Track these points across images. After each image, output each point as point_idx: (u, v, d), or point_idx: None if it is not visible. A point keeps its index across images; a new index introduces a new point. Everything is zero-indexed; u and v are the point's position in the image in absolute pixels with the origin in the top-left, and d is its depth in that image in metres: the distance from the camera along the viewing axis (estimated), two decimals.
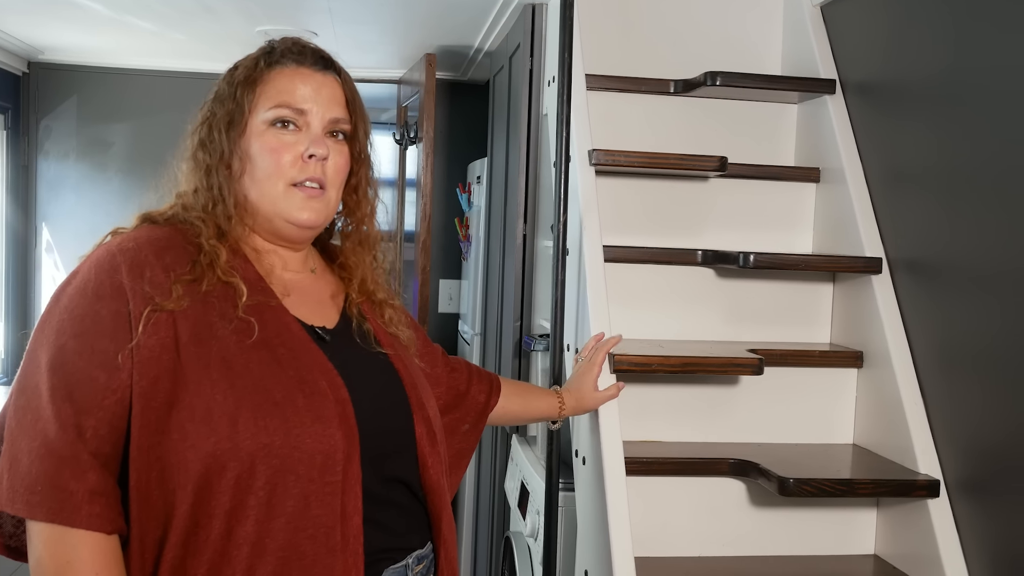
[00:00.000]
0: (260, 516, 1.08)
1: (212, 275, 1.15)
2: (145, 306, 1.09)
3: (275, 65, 1.24)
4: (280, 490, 1.08)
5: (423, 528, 1.27)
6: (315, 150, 1.22)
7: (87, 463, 1.06)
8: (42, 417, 1.07)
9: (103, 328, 1.09)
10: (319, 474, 1.11)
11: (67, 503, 1.05)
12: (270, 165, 1.21)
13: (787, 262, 2.03)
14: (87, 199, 4.18)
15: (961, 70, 1.76)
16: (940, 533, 1.73)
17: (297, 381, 1.13)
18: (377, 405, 1.22)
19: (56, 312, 1.12)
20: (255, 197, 1.22)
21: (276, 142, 1.21)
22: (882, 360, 1.94)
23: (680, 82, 2.27)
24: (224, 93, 1.23)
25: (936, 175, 1.83)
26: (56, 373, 1.08)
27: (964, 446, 1.73)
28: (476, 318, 3.51)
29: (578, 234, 1.97)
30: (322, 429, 1.11)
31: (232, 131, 1.21)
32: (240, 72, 1.24)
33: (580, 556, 1.92)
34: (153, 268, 1.12)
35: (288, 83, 1.23)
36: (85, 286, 1.12)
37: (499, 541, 2.81)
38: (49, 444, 1.06)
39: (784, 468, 1.81)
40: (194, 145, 1.23)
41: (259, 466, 1.07)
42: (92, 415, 1.07)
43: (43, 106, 4.16)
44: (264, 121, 1.21)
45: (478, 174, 3.59)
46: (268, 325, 1.16)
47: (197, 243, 1.17)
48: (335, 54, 1.30)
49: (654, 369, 1.84)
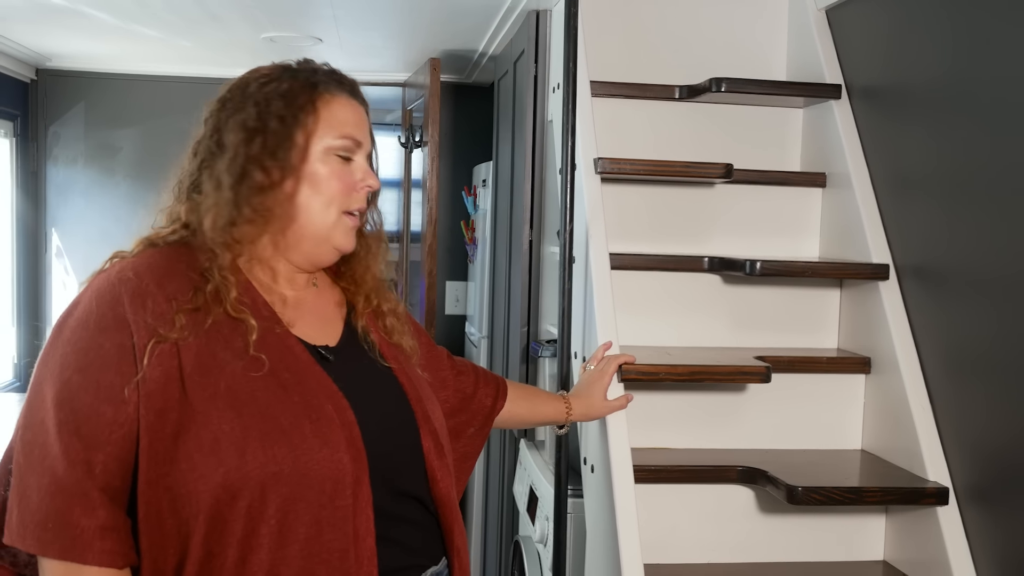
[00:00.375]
0: (273, 544, 1.08)
1: (218, 308, 1.14)
2: (149, 338, 1.09)
3: (331, 93, 1.23)
4: (292, 517, 1.09)
5: (437, 542, 1.28)
6: (371, 182, 1.25)
7: (97, 499, 1.06)
8: (50, 453, 1.07)
9: (107, 361, 1.08)
10: (329, 499, 1.11)
11: (78, 540, 1.05)
12: (329, 191, 1.21)
13: (794, 269, 2.03)
14: (96, 204, 4.20)
15: (967, 74, 1.76)
16: (949, 539, 1.73)
17: (303, 407, 1.13)
18: (383, 423, 1.22)
19: (59, 345, 1.11)
20: (304, 221, 1.21)
21: (336, 169, 1.22)
22: (890, 366, 1.94)
23: (685, 88, 2.27)
24: (280, 110, 1.19)
25: (943, 179, 1.83)
26: (62, 408, 1.08)
27: (973, 452, 1.73)
28: (483, 321, 3.51)
29: (584, 242, 1.98)
30: (330, 454, 1.12)
31: (294, 151, 1.19)
32: (295, 92, 1.21)
33: (590, 565, 1.93)
34: (155, 298, 1.11)
35: (347, 114, 1.24)
36: (87, 318, 1.11)
37: (508, 545, 2.82)
38: (58, 481, 1.06)
39: (792, 476, 1.82)
40: (240, 159, 1.17)
41: (269, 494, 1.08)
42: (100, 450, 1.07)
43: (51, 112, 4.18)
44: (328, 149, 1.21)
45: (483, 177, 3.60)
46: (272, 351, 1.15)
47: (202, 268, 1.16)
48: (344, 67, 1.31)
49: (661, 378, 1.84)
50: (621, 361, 1.79)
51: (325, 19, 3.08)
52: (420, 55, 3.66)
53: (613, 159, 2.04)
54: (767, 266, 1.97)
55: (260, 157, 1.18)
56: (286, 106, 1.20)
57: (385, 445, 1.20)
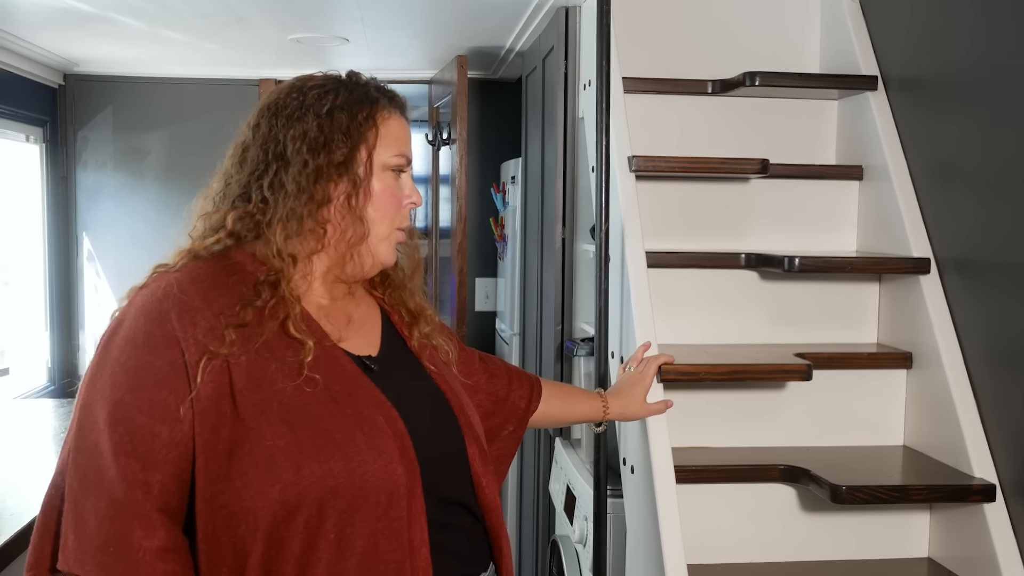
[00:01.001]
0: (331, 559, 1.08)
1: (273, 323, 1.13)
2: (201, 355, 1.08)
3: (388, 109, 1.25)
4: (349, 530, 1.08)
5: (485, 548, 1.28)
6: (415, 199, 1.27)
7: (157, 520, 1.06)
8: (107, 476, 1.06)
9: (160, 380, 1.07)
10: (385, 511, 1.11)
11: (141, 563, 1.04)
12: (388, 207, 1.23)
13: (832, 265, 2.01)
14: (126, 207, 4.23)
15: (1006, 63, 1.72)
16: (996, 536, 1.71)
17: (355, 418, 1.13)
18: (431, 431, 1.22)
19: (107, 365, 1.10)
20: (360, 234, 1.21)
21: (393, 185, 1.24)
22: (932, 361, 1.92)
23: (718, 82, 2.24)
24: (345, 124, 1.19)
25: (983, 171, 1.80)
26: (116, 429, 1.07)
27: (1019, 447, 1.71)
28: (514, 318, 3.51)
29: (620, 241, 1.96)
30: (384, 465, 1.11)
31: (361, 167, 1.20)
32: (355, 106, 1.21)
33: (631, 566, 1.92)
34: (204, 314, 1.11)
35: (401, 131, 1.26)
36: (135, 336, 1.10)
37: (545, 544, 2.82)
38: (117, 503, 1.05)
39: (835, 474, 1.80)
40: (308, 169, 1.17)
41: (327, 509, 1.07)
42: (158, 470, 1.06)
43: (80, 117, 4.21)
44: (386, 165, 1.23)
45: (512, 174, 3.59)
46: (321, 364, 1.14)
47: (253, 281, 1.15)
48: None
49: (702, 378, 1.83)
50: (661, 362, 1.77)
51: (352, 19, 3.08)
52: (447, 52, 3.65)
53: (648, 157, 2.02)
54: (806, 262, 1.95)
55: (327, 170, 1.18)
56: (349, 120, 1.20)
57: (434, 453, 1.20)
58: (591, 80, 2.17)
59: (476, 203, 4.09)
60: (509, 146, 3.87)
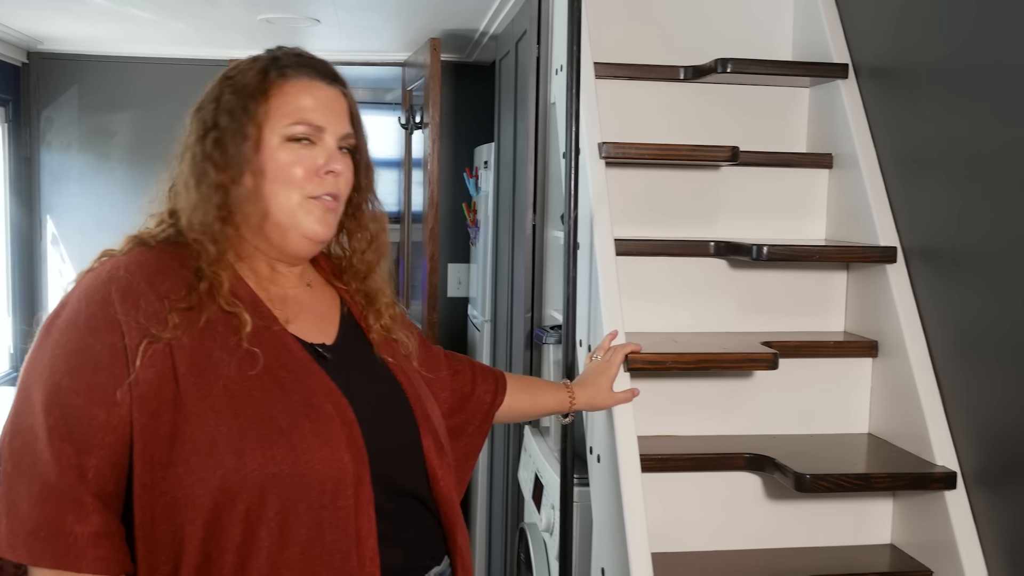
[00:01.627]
0: (273, 547, 1.06)
1: (212, 304, 1.11)
2: (141, 338, 1.06)
3: (287, 77, 1.20)
4: (292, 519, 1.07)
5: (439, 541, 1.26)
6: (334, 166, 1.20)
7: (90, 505, 1.04)
8: (40, 460, 1.04)
9: (99, 363, 1.06)
10: (331, 499, 1.09)
11: (72, 548, 1.03)
12: (288, 179, 1.18)
13: (801, 253, 2.00)
14: (91, 190, 4.16)
15: (978, 51, 1.73)
16: (957, 522, 1.72)
17: (302, 405, 1.11)
18: (383, 421, 1.21)
19: (47, 348, 1.08)
20: (270, 211, 1.18)
21: (295, 157, 1.18)
22: (897, 349, 1.93)
23: (690, 68, 2.23)
24: (232, 105, 1.18)
25: (952, 161, 1.80)
26: (52, 413, 1.05)
27: (981, 435, 1.72)
28: (486, 304, 3.49)
29: (588, 228, 1.95)
30: (330, 453, 1.10)
31: (245, 144, 1.16)
32: (248, 83, 1.19)
33: (596, 554, 1.92)
34: (147, 297, 1.09)
35: (304, 98, 1.20)
36: (76, 319, 1.08)
37: (514, 531, 2.82)
38: (50, 488, 1.03)
39: (800, 462, 1.80)
40: (197, 158, 1.17)
41: (269, 496, 1.06)
42: (93, 455, 1.04)
43: (44, 97, 4.13)
44: (282, 136, 1.18)
45: (485, 159, 3.57)
46: (269, 350, 1.13)
47: (194, 267, 1.14)
48: (330, 54, 1.29)
49: (668, 367, 1.83)
50: (627, 351, 1.76)
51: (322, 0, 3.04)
52: (420, 35, 3.61)
53: (617, 143, 2.01)
54: (774, 251, 1.95)
55: (212, 155, 1.16)
56: (236, 99, 1.17)
57: (385, 444, 1.18)
58: (563, 65, 2.15)
59: (449, 188, 4.06)
60: (482, 130, 3.85)
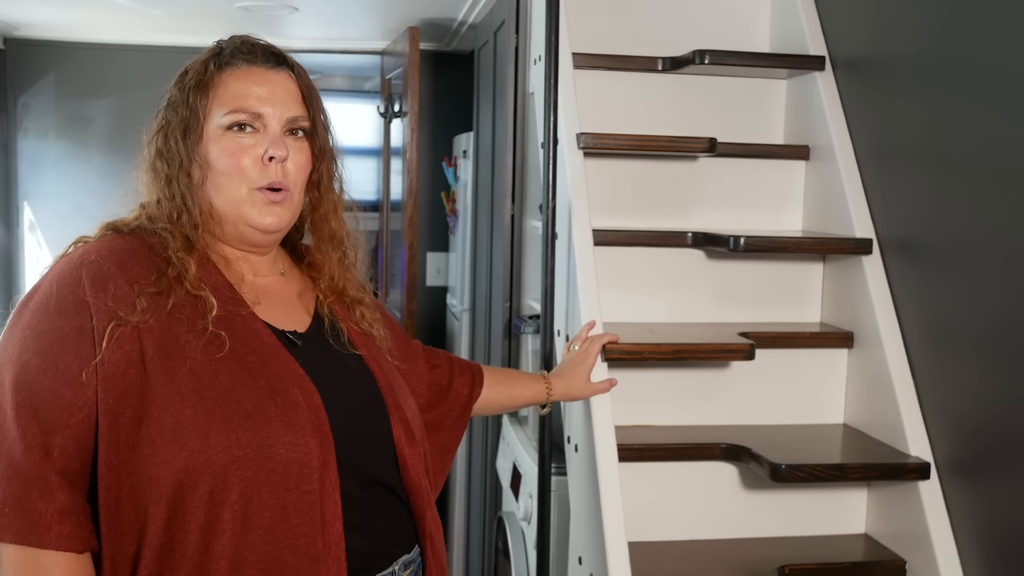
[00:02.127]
0: (237, 529, 1.07)
1: (180, 289, 1.13)
2: (109, 321, 1.08)
3: (226, 67, 1.21)
4: (256, 502, 1.08)
5: (409, 531, 1.27)
6: (274, 152, 1.20)
7: (55, 483, 1.05)
8: (7, 438, 1.06)
9: (66, 344, 1.08)
10: (295, 483, 1.10)
11: (36, 524, 1.04)
12: (230, 170, 1.19)
13: (777, 244, 2.02)
14: (69, 177, 4.13)
15: (953, 44, 1.74)
16: (930, 512, 1.74)
17: (268, 390, 1.12)
18: (352, 409, 1.21)
19: (18, 329, 1.11)
20: (219, 204, 1.20)
21: (235, 146, 1.19)
22: (872, 341, 1.94)
23: (668, 59, 2.23)
24: (177, 100, 1.21)
25: (927, 153, 1.81)
26: (20, 392, 1.07)
27: (954, 426, 1.74)
28: (464, 293, 3.49)
29: (567, 218, 1.95)
30: (295, 438, 1.11)
31: (188, 138, 1.19)
32: (191, 77, 1.21)
33: (574, 543, 1.93)
34: (117, 281, 1.11)
35: (242, 86, 1.20)
36: (47, 301, 1.10)
37: (492, 520, 2.83)
38: (15, 465, 1.05)
39: (776, 453, 1.82)
40: (152, 155, 1.21)
41: (232, 479, 1.07)
42: (59, 434, 1.06)
43: (20, 83, 4.08)
44: (220, 126, 1.19)
45: (464, 148, 3.56)
46: (237, 334, 1.15)
47: (164, 255, 1.16)
48: (285, 46, 1.29)
49: (645, 357, 1.84)
50: (605, 341, 1.77)
51: None
52: (399, 23, 3.59)
53: (596, 134, 2.01)
54: (751, 242, 1.96)
55: (161, 150, 1.19)
56: (180, 94, 1.20)
57: (354, 431, 1.19)
58: (541, 55, 2.15)
59: (427, 177, 4.05)
60: (461, 120, 3.84)
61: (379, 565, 1.21)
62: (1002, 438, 1.58)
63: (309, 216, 1.34)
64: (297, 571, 1.10)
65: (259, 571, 1.08)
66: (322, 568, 1.11)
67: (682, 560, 1.89)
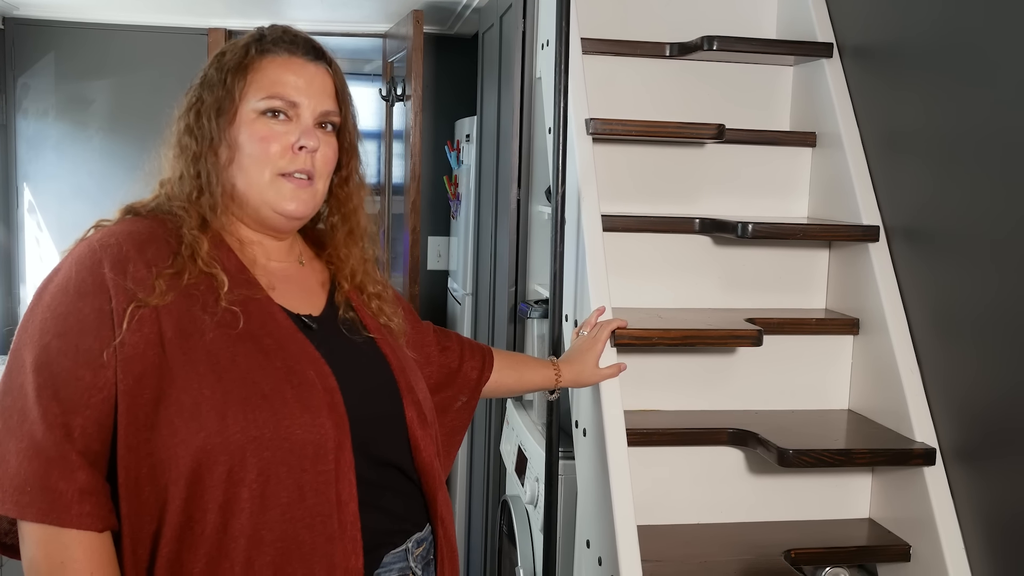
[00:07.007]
0: (255, 508, 1.09)
1: (193, 267, 1.15)
2: (128, 303, 1.10)
3: (266, 53, 1.23)
4: (274, 481, 1.10)
5: (420, 510, 1.29)
6: (306, 142, 1.22)
7: (76, 462, 1.07)
8: (29, 418, 1.07)
9: (86, 326, 1.09)
10: (311, 464, 1.12)
11: (57, 503, 1.06)
12: (259, 154, 1.20)
13: (784, 231, 2.02)
14: (68, 158, 4.10)
15: (961, 32, 1.74)
16: (935, 497, 1.76)
17: (285, 372, 1.14)
18: (366, 391, 1.23)
19: (39, 311, 1.12)
20: (242, 186, 1.22)
21: (266, 131, 1.21)
22: (878, 327, 1.96)
23: (676, 45, 2.23)
24: (213, 79, 1.22)
25: (934, 140, 1.82)
26: (41, 373, 1.08)
27: (959, 412, 1.75)
28: (467, 277, 3.50)
29: (575, 204, 1.96)
30: (311, 419, 1.13)
31: (221, 118, 1.20)
32: (229, 59, 1.23)
33: (581, 526, 1.94)
34: (135, 263, 1.12)
35: (281, 73, 1.22)
36: (67, 283, 1.12)
37: (495, 504, 2.84)
38: (37, 444, 1.06)
39: (782, 438, 1.83)
40: (180, 131, 1.23)
41: (250, 459, 1.09)
42: (79, 414, 1.08)
43: (20, 63, 4.05)
44: (255, 110, 1.21)
45: (467, 132, 3.55)
46: (253, 316, 1.16)
47: (179, 234, 1.17)
48: (319, 37, 1.29)
49: (654, 342, 1.84)
50: (614, 327, 1.78)
51: None
52: (402, 6, 3.58)
53: (605, 120, 2.01)
54: (758, 228, 1.97)
55: (192, 128, 1.21)
56: (218, 74, 1.22)
57: (367, 413, 1.21)
58: (549, 40, 2.15)
59: (430, 160, 4.05)
60: (464, 104, 3.83)
61: (393, 542, 1.23)
62: (1007, 424, 1.60)
63: (338, 211, 1.35)
64: (314, 549, 1.12)
65: (277, 550, 1.10)
66: (338, 546, 1.13)
67: (689, 544, 1.91)
